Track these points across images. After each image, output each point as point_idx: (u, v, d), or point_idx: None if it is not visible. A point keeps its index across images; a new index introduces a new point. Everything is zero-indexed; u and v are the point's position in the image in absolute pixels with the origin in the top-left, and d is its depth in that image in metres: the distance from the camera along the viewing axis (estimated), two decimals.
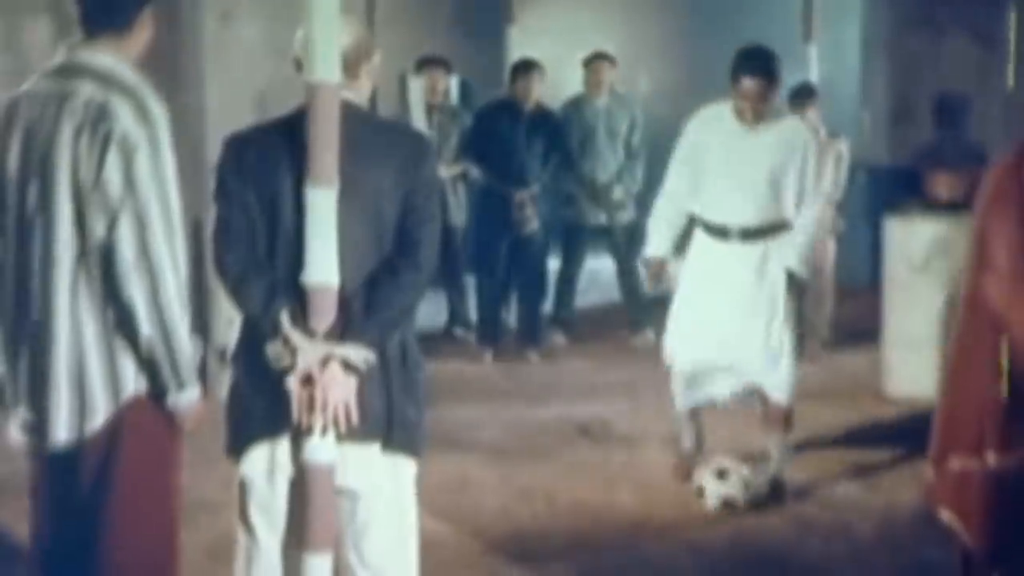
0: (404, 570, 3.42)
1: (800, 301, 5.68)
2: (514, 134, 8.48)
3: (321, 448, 3.16)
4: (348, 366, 3.13)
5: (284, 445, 3.21)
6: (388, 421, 3.25)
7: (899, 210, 7.72)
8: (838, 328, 8.65)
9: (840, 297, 8.81)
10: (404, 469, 3.36)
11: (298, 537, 3.24)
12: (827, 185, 8.35)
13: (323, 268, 3.13)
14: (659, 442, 6.22)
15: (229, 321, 3.41)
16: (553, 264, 9.07)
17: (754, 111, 5.40)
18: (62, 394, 3.26)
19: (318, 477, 3.18)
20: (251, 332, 3.23)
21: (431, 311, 8.66)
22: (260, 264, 3.20)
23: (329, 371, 3.11)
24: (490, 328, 8.76)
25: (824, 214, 8.29)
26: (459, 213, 8.98)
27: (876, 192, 10.13)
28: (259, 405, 3.21)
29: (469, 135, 8.81)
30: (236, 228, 3.20)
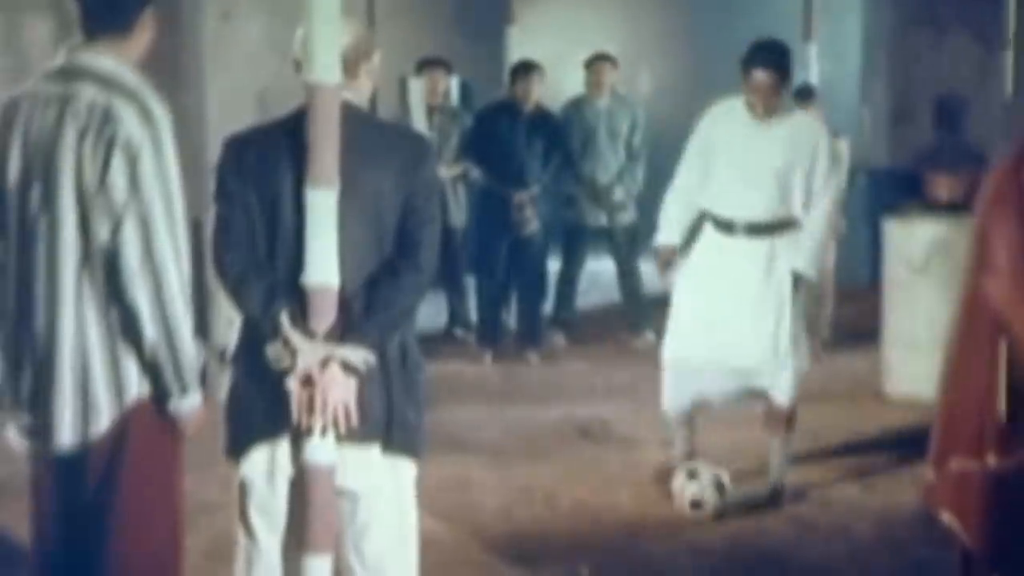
0: (404, 571, 3.42)
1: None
2: (514, 135, 8.48)
3: (321, 449, 3.16)
4: (348, 367, 3.13)
5: (284, 446, 3.21)
6: (388, 422, 3.25)
7: (899, 211, 7.72)
8: (838, 328, 8.65)
9: (840, 297, 8.81)
10: (404, 470, 3.36)
11: (298, 538, 3.24)
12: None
13: (323, 269, 3.13)
14: (659, 443, 6.21)
15: (229, 322, 3.41)
16: (553, 265, 9.07)
17: (765, 104, 5.37)
18: (66, 398, 3.25)
19: (318, 478, 3.18)
20: (251, 333, 3.23)
21: (431, 312, 8.66)
22: (260, 265, 3.20)
23: (329, 372, 3.11)
24: (490, 329, 8.75)
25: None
26: (459, 214, 8.98)
27: (876, 192, 10.13)
28: (259, 406, 3.21)
29: (469, 136, 8.81)
30: (236, 229, 3.20)
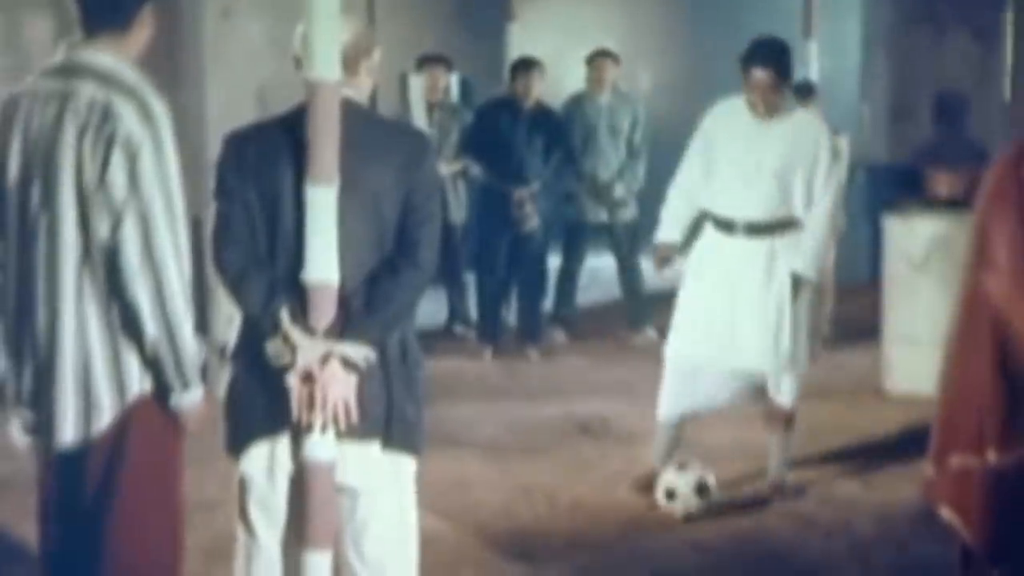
0: (404, 568, 3.42)
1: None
2: (514, 132, 8.48)
3: (321, 446, 3.16)
4: (348, 364, 3.13)
5: (284, 443, 3.21)
6: (388, 419, 3.25)
7: (899, 207, 7.72)
8: (838, 325, 8.65)
9: (840, 294, 8.81)
10: (404, 467, 3.36)
11: (298, 535, 3.24)
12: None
13: (323, 266, 3.13)
14: None
15: (229, 319, 3.41)
16: (553, 261, 9.06)
17: (765, 103, 5.35)
18: (68, 395, 3.26)
19: (318, 475, 3.18)
20: (251, 330, 3.23)
21: (431, 309, 8.66)
22: (260, 262, 3.20)
23: (329, 369, 3.11)
24: (490, 326, 8.75)
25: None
26: (459, 211, 8.97)
27: (876, 189, 10.12)
28: (259, 403, 3.21)
29: (469, 133, 8.80)
30: (236, 226, 3.20)
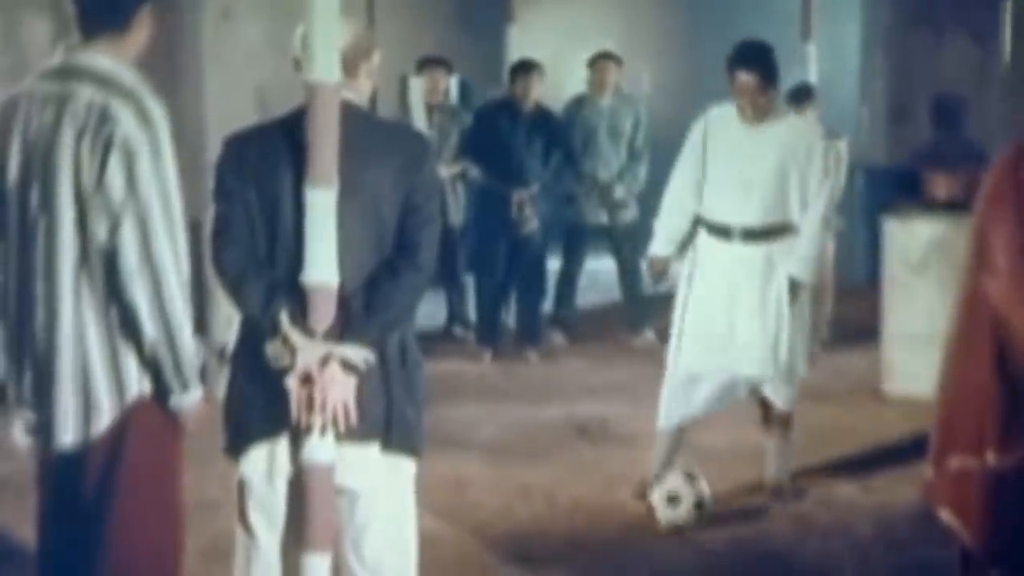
0: (403, 569, 3.43)
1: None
2: (514, 134, 8.48)
3: (320, 448, 3.16)
4: (347, 366, 3.13)
5: (283, 445, 3.21)
6: (387, 421, 3.25)
7: (898, 210, 7.72)
8: (837, 327, 8.64)
9: (839, 296, 8.80)
10: (403, 469, 3.36)
11: (297, 537, 3.24)
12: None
13: (322, 268, 3.13)
14: None
15: (228, 320, 3.41)
16: (552, 264, 9.06)
17: (753, 106, 5.33)
18: (67, 397, 3.26)
19: (317, 477, 3.18)
20: (250, 331, 3.23)
21: (430, 310, 8.66)
22: (259, 264, 3.20)
23: (328, 371, 3.11)
24: (489, 328, 8.75)
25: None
26: (457, 213, 8.97)
27: (875, 191, 10.13)
28: (258, 405, 3.21)
29: (469, 135, 8.80)
30: (235, 227, 3.20)
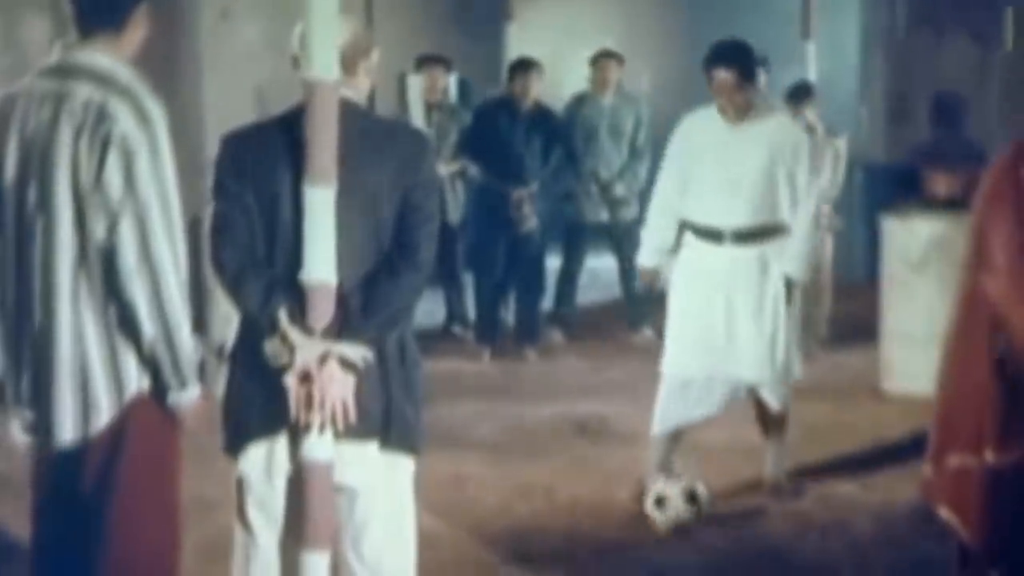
0: (402, 567, 3.42)
1: (801, 306, 5.59)
2: (512, 132, 8.48)
3: (319, 446, 3.16)
4: (346, 364, 3.13)
5: (282, 443, 3.21)
6: (386, 419, 3.25)
7: (897, 208, 7.72)
8: (836, 325, 8.64)
9: (838, 294, 8.80)
10: (402, 467, 3.36)
11: (296, 535, 3.24)
12: (824, 183, 8.36)
13: (321, 266, 3.13)
14: None
15: (226, 318, 3.41)
16: (551, 262, 9.06)
17: (731, 104, 5.28)
18: (66, 395, 3.26)
19: (316, 475, 3.18)
20: (249, 330, 3.23)
21: (429, 309, 8.66)
22: (258, 262, 3.20)
23: (327, 369, 3.11)
24: (488, 326, 8.75)
25: (821, 211, 8.35)
26: (456, 211, 8.97)
27: (874, 189, 10.12)
28: (257, 403, 3.21)
29: (468, 133, 8.80)
30: (234, 226, 3.20)
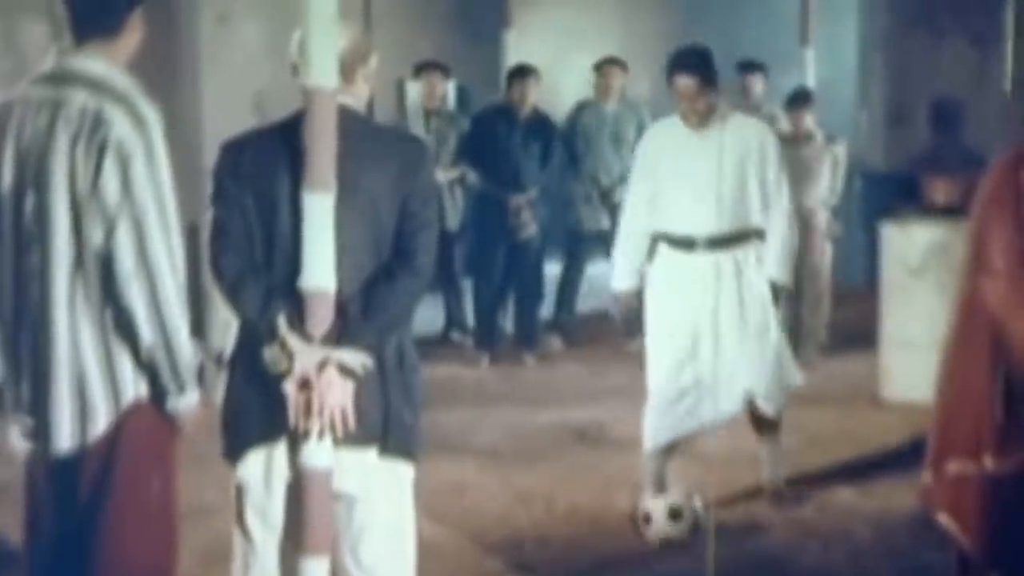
0: (401, 574, 3.42)
1: (791, 308, 5.57)
2: (510, 139, 8.49)
3: (318, 452, 3.16)
4: (345, 370, 3.13)
5: (281, 449, 3.21)
6: (385, 425, 3.24)
7: (896, 214, 7.72)
8: (835, 332, 8.63)
9: (837, 301, 8.79)
10: (401, 473, 3.35)
11: (295, 541, 3.23)
12: (824, 190, 8.36)
13: (320, 273, 3.12)
14: None
15: (225, 324, 3.41)
16: (550, 268, 9.06)
17: (694, 110, 5.24)
18: (63, 402, 3.26)
19: (315, 481, 3.18)
20: (248, 336, 3.23)
21: (428, 315, 8.65)
22: (257, 268, 3.20)
23: (326, 375, 3.11)
24: (487, 332, 8.75)
25: (819, 218, 8.36)
26: (455, 217, 8.97)
27: (873, 195, 10.12)
28: (256, 410, 3.21)
29: (466, 140, 8.81)
30: (233, 232, 3.20)
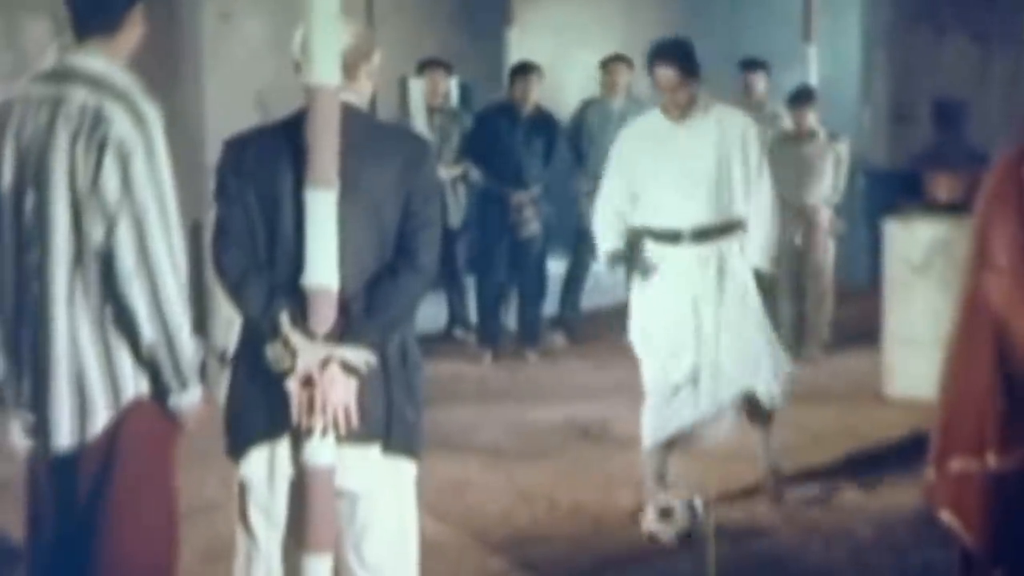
0: (404, 571, 3.42)
1: (795, 306, 5.55)
2: (513, 136, 8.49)
3: (321, 449, 3.16)
4: (348, 368, 3.13)
5: (284, 447, 3.21)
6: (388, 422, 3.24)
7: (899, 211, 7.72)
8: (838, 329, 8.63)
9: (840, 298, 8.79)
10: (404, 470, 3.36)
11: (298, 538, 3.24)
12: (827, 188, 8.37)
13: (323, 270, 3.12)
14: None
15: (228, 322, 3.41)
16: (553, 265, 9.06)
17: (674, 102, 5.23)
18: (63, 399, 3.26)
19: (318, 479, 3.18)
20: (251, 334, 3.23)
21: (431, 312, 8.65)
22: (260, 266, 3.20)
23: (329, 373, 3.11)
24: (490, 329, 8.76)
25: (822, 215, 8.36)
26: (458, 214, 8.97)
27: (876, 192, 10.12)
28: (259, 407, 3.21)
29: (469, 137, 8.81)
30: (236, 230, 3.20)
